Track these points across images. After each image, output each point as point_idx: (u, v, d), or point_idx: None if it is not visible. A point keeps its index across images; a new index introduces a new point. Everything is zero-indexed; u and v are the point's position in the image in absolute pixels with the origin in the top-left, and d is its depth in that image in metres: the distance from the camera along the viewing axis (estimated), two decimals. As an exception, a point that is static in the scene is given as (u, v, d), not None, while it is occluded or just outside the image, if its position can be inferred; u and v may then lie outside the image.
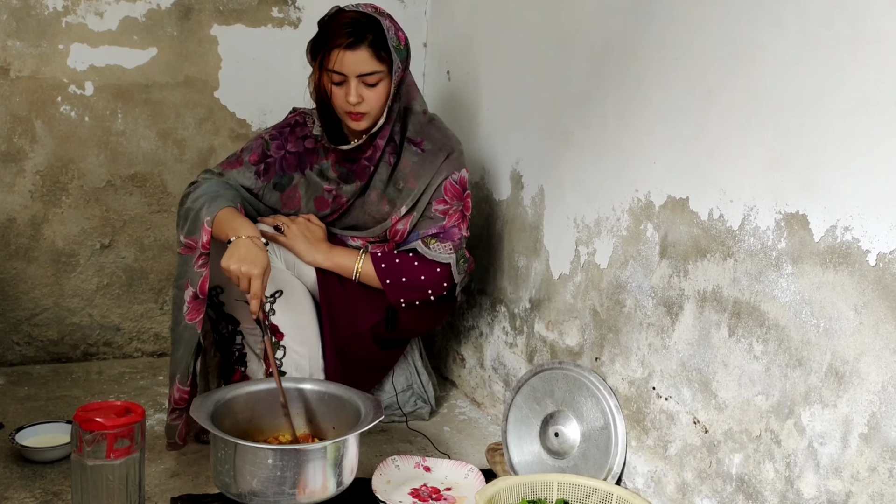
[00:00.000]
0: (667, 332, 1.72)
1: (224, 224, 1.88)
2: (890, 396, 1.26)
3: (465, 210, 2.14)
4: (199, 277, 1.90)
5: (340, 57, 1.96)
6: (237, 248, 1.81)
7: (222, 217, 1.89)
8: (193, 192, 1.98)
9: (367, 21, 1.97)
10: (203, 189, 1.98)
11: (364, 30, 1.96)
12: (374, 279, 2.09)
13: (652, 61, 1.74)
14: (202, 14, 2.52)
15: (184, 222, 1.94)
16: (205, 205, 1.91)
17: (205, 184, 2.01)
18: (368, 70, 1.97)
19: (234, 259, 1.79)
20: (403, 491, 1.88)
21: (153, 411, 2.26)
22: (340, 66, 1.97)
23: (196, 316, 1.91)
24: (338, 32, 1.96)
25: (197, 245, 1.90)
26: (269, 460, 1.66)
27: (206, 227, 1.89)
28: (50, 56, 2.40)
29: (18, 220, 2.46)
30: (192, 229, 1.91)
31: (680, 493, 1.69)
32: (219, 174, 2.09)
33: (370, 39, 1.96)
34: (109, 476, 1.60)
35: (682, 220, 1.67)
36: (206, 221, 1.89)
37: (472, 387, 2.50)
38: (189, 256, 1.91)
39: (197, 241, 1.90)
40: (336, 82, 1.99)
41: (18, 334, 2.53)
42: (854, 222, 1.31)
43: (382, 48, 1.98)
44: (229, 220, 1.87)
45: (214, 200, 1.92)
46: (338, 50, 1.95)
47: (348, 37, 1.95)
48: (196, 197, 1.95)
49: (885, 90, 1.26)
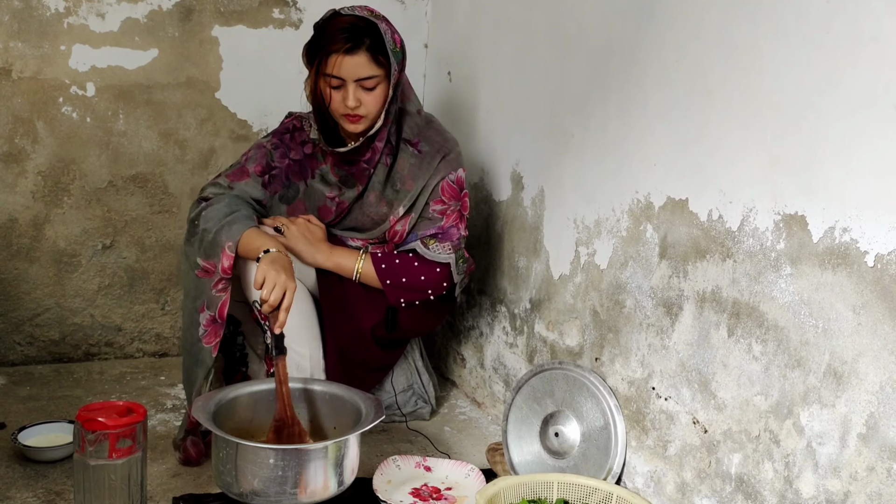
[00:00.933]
0: (666, 333, 1.72)
1: (251, 241, 1.87)
2: (888, 397, 1.27)
3: (463, 210, 2.15)
4: (218, 301, 1.89)
5: (338, 62, 1.95)
6: (277, 259, 1.81)
7: (249, 236, 1.87)
8: (206, 212, 1.94)
9: (364, 26, 1.96)
10: (217, 209, 1.93)
11: (362, 34, 1.96)
12: (374, 279, 2.09)
13: (652, 63, 1.75)
14: (203, 15, 2.52)
15: (199, 244, 1.91)
16: (223, 227, 1.89)
17: (218, 203, 1.96)
18: (366, 74, 1.97)
19: (277, 267, 1.79)
20: (404, 490, 1.89)
21: (155, 411, 2.26)
22: (339, 71, 1.96)
23: (213, 339, 1.90)
24: (335, 37, 1.95)
25: (216, 269, 1.88)
26: (271, 460, 1.66)
27: (227, 252, 1.86)
28: (51, 57, 2.40)
29: (20, 221, 2.47)
30: (210, 253, 1.88)
31: (679, 492, 1.70)
32: (228, 187, 2.03)
33: (368, 44, 1.96)
34: (112, 476, 1.61)
35: (682, 221, 1.68)
36: (227, 247, 1.87)
37: (473, 387, 2.50)
38: (207, 280, 1.89)
39: (216, 265, 1.88)
40: (334, 86, 1.99)
41: (20, 334, 2.53)
42: (853, 223, 1.32)
43: (380, 52, 1.97)
44: (257, 237, 1.87)
45: (234, 223, 1.89)
46: (336, 55, 1.95)
47: (346, 42, 1.94)
48: (210, 217, 1.92)
49: (884, 91, 1.26)
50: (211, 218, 1.92)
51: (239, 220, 1.91)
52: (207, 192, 2.02)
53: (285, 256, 1.85)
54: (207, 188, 2.04)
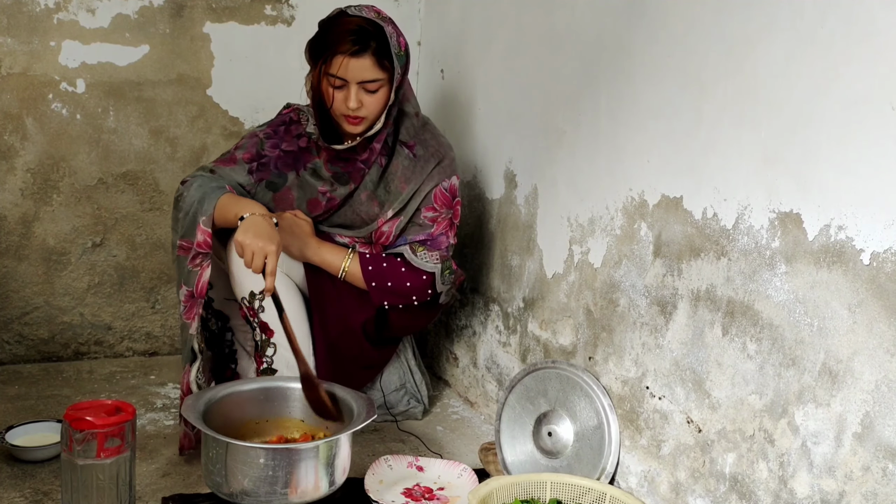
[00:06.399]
0: (660, 332, 1.71)
1: (228, 208, 1.86)
2: (883, 396, 1.26)
3: (454, 218, 2.14)
4: (194, 277, 1.89)
5: (344, 63, 1.94)
6: (252, 225, 1.79)
7: (224, 202, 1.87)
8: (186, 194, 1.95)
9: (372, 28, 1.95)
10: (194, 190, 1.94)
11: (369, 38, 1.94)
12: (359, 279, 2.08)
13: (645, 59, 1.74)
14: (194, 11, 2.51)
15: (180, 226, 1.92)
16: (196, 204, 1.90)
17: (195, 182, 1.97)
18: (370, 77, 1.96)
19: (250, 234, 1.77)
20: (396, 491, 1.87)
21: (144, 410, 2.25)
22: (343, 73, 1.95)
23: (191, 314, 1.91)
24: (342, 38, 1.94)
25: (192, 246, 1.89)
26: (261, 460, 1.65)
27: (201, 227, 1.87)
28: (41, 53, 2.39)
29: (9, 218, 2.45)
30: (187, 232, 1.90)
31: (673, 492, 1.69)
32: (210, 171, 2.05)
33: (374, 48, 1.95)
34: (100, 475, 1.59)
35: (676, 219, 1.67)
36: (201, 221, 1.88)
37: (466, 386, 2.49)
38: (184, 257, 1.91)
39: (192, 241, 1.89)
40: (336, 86, 1.98)
41: (9, 333, 2.51)
42: (848, 221, 1.31)
43: (385, 56, 1.96)
44: (234, 202, 1.86)
45: (206, 197, 1.90)
46: (341, 56, 1.94)
47: (353, 44, 1.93)
48: (188, 199, 1.93)
49: (879, 88, 1.25)
50: (186, 199, 1.93)
51: (210, 192, 1.91)
52: (189, 175, 2.03)
53: (261, 217, 1.82)
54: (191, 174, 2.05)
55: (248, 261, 1.77)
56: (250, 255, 1.77)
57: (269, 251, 1.76)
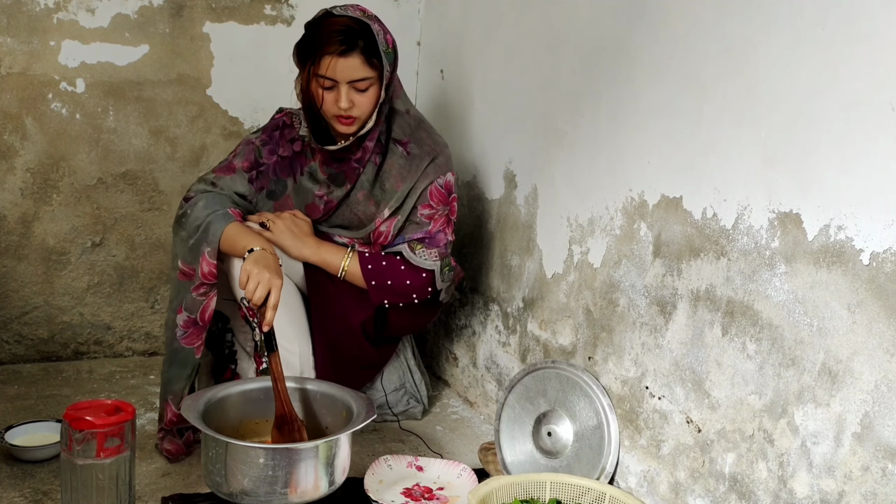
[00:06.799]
0: (660, 332, 1.71)
1: (236, 240, 1.89)
2: (883, 396, 1.26)
3: (451, 214, 2.14)
4: (200, 305, 1.91)
5: (332, 64, 1.94)
6: (261, 258, 1.82)
7: (232, 234, 1.89)
8: (190, 213, 1.95)
9: (358, 27, 1.95)
10: (198, 210, 1.94)
11: (356, 36, 1.94)
12: (359, 279, 2.08)
13: (645, 60, 1.74)
14: (194, 11, 2.51)
15: (183, 248, 1.93)
16: (201, 232, 1.90)
17: (199, 202, 1.97)
18: (360, 77, 1.96)
19: (260, 265, 1.80)
20: (396, 490, 1.87)
21: (144, 410, 2.25)
22: (332, 73, 1.95)
23: (195, 341, 1.93)
24: (329, 39, 1.93)
25: (195, 274, 1.90)
26: (261, 459, 1.65)
27: (206, 257, 1.89)
28: (41, 53, 2.38)
29: (9, 218, 2.45)
30: (190, 257, 1.91)
31: (673, 492, 1.69)
32: (212, 183, 2.05)
33: (362, 46, 1.94)
34: (99, 475, 1.59)
35: (676, 220, 1.67)
36: (206, 252, 1.89)
37: (465, 386, 2.49)
38: (186, 283, 1.92)
39: (195, 270, 1.90)
40: (326, 87, 1.98)
41: (8, 332, 2.51)
42: (847, 221, 1.31)
43: (373, 54, 1.96)
44: (243, 235, 1.89)
45: (210, 227, 1.90)
46: (329, 57, 1.93)
47: (340, 44, 1.93)
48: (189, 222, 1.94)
49: (878, 89, 1.26)
50: (190, 222, 1.94)
51: (215, 220, 1.92)
52: (192, 190, 2.04)
53: (270, 254, 1.86)
54: (192, 186, 2.06)
55: (252, 290, 1.78)
56: (255, 284, 1.78)
57: (275, 284, 1.79)
